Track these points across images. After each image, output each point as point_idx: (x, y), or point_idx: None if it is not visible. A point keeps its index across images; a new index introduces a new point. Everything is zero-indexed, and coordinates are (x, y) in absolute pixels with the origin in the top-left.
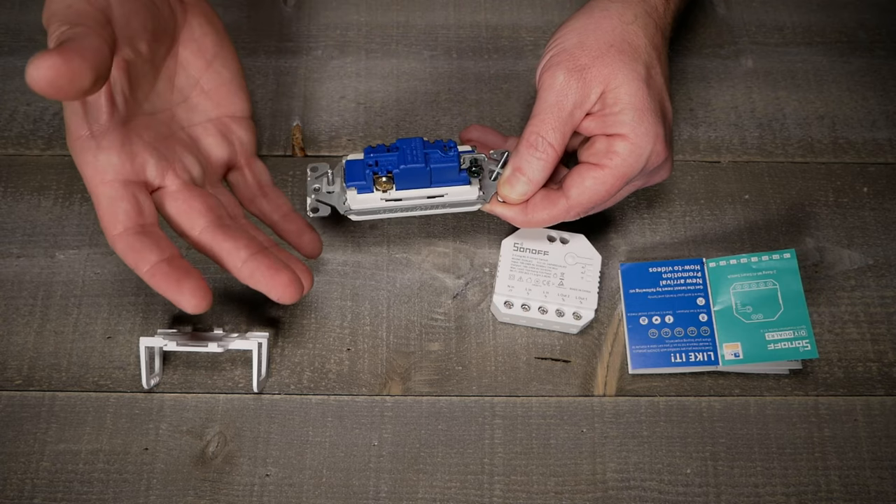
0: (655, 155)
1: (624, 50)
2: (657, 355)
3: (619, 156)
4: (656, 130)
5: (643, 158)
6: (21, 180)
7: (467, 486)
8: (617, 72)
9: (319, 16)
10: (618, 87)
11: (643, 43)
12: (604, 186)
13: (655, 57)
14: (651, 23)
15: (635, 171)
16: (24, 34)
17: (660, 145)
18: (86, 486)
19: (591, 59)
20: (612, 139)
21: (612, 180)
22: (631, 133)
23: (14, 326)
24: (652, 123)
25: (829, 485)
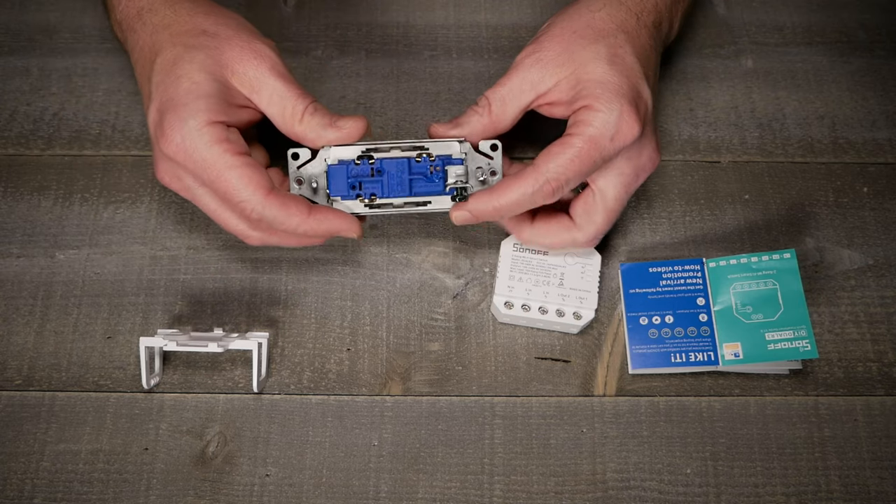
0: (626, 125)
1: (584, 34)
2: (657, 355)
3: (584, 123)
4: (621, 101)
5: (611, 124)
6: (21, 180)
7: (467, 486)
8: (574, 54)
9: (319, 16)
10: (578, 69)
11: (609, 27)
12: (572, 149)
13: (624, 39)
14: (622, 9)
15: (604, 137)
16: (24, 34)
17: (629, 116)
18: (86, 486)
19: (552, 42)
20: (578, 112)
21: (580, 143)
22: (594, 102)
23: (14, 326)
24: (616, 94)
25: (829, 485)
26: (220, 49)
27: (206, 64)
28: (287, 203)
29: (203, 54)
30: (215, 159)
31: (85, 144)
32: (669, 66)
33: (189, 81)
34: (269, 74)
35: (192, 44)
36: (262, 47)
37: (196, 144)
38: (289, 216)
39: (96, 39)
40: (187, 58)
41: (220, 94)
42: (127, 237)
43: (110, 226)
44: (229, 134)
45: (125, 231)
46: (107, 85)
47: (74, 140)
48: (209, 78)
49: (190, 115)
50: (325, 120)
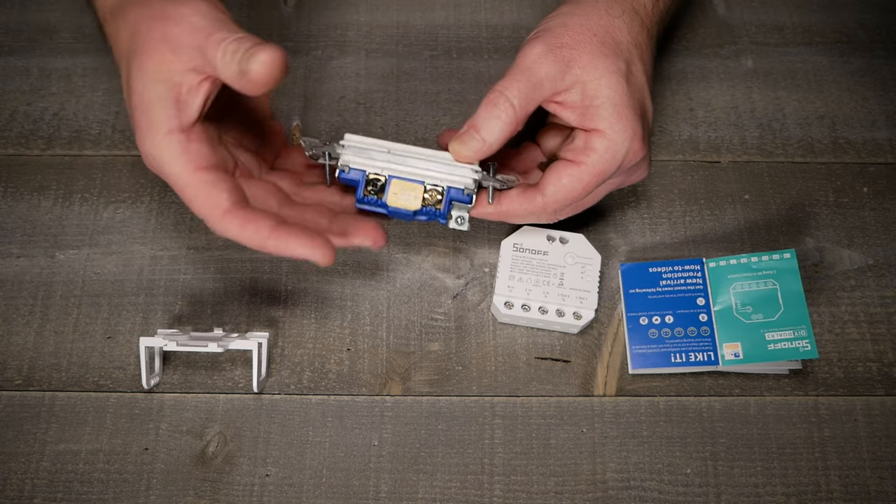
0: (632, 153)
1: (606, 42)
2: (657, 355)
3: (596, 152)
4: (634, 128)
5: (620, 156)
6: (21, 180)
7: (467, 486)
8: (597, 62)
9: (319, 16)
10: (598, 80)
11: (626, 39)
12: (580, 183)
13: (637, 55)
14: (637, 20)
15: (612, 168)
16: (24, 34)
17: (637, 143)
18: (86, 486)
19: (573, 40)
20: (590, 135)
21: (588, 177)
22: (608, 129)
23: (14, 326)
24: (630, 120)
25: (829, 485)
26: (146, 39)
27: (142, 67)
28: (246, 224)
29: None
30: (175, 174)
31: (85, 144)
32: (669, 66)
33: (136, 95)
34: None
35: (130, 49)
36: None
37: (158, 161)
38: (247, 238)
39: (96, 39)
40: (131, 66)
41: (166, 94)
42: (127, 237)
43: (110, 226)
44: (189, 144)
45: (125, 231)
46: (107, 85)
47: (74, 140)
48: (149, 83)
49: (146, 131)
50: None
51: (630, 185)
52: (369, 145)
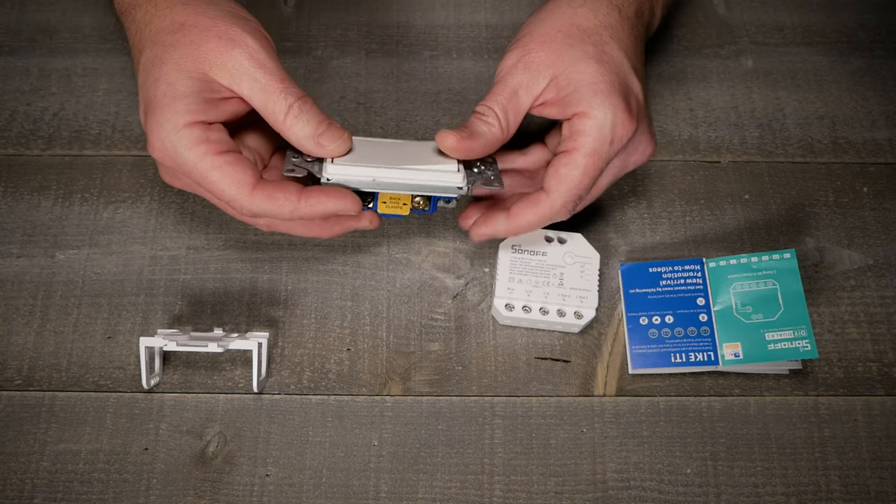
0: (621, 126)
1: (571, 34)
2: (657, 355)
3: (582, 134)
4: (613, 101)
5: (607, 130)
6: (21, 180)
7: (467, 486)
8: (563, 54)
9: (319, 16)
10: (567, 69)
11: (592, 24)
12: (578, 169)
13: (609, 35)
14: (602, 4)
15: (604, 145)
16: (24, 34)
17: (623, 115)
18: (86, 486)
19: (537, 44)
20: (572, 121)
21: (584, 160)
22: (587, 108)
23: (14, 326)
24: (607, 94)
25: (829, 485)
26: (196, 43)
27: (181, 62)
28: (274, 194)
29: (179, 52)
30: (196, 162)
31: (85, 144)
32: (669, 66)
33: (165, 83)
34: (249, 64)
35: (169, 42)
36: (240, 34)
37: (176, 148)
38: (279, 207)
39: (96, 39)
40: (164, 58)
41: (198, 92)
42: (127, 237)
43: (110, 226)
44: (210, 133)
45: (125, 231)
46: (107, 85)
47: (74, 140)
48: (185, 77)
49: (166, 118)
50: (308, 129)
51: (635, 166)
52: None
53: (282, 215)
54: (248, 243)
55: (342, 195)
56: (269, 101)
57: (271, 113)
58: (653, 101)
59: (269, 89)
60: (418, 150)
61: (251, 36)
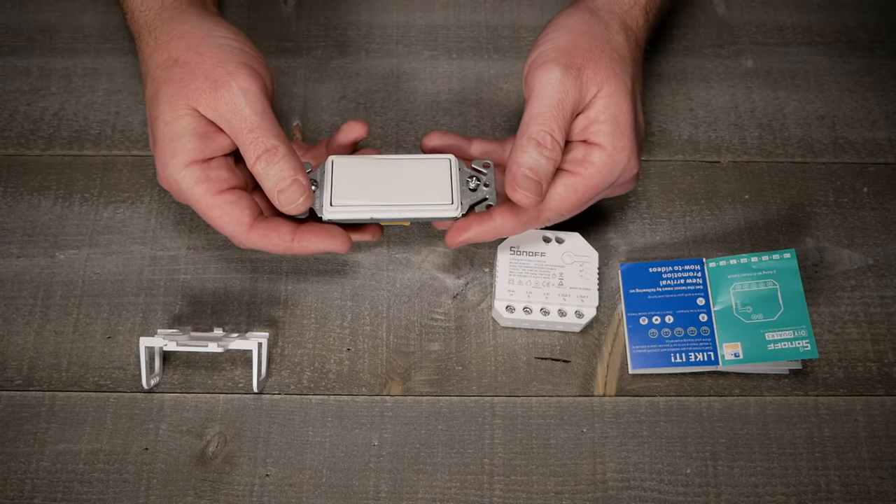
0: (628, 170)
1: (614, 59)
2: (657, 355)
3: (594, 166)
4: (632, 146)
5: (616, 171)
6: (21, 180)
7: (467, 486)
8: (610, 79)
9: (319, 16)
10: (608, 97)
11: (627, 55)
12: (575, 194)
13: (635, 71)
14: (632, 36)
15: (606, 182)
16: (24, 34)
17: (633, 160)
18: (86, 486)
19: (587, 60)
20: (590, 148)
21: (583, 189)
22: (609, 145)
23: (14, 326)
24: (629, 138)
25: (829, 485)
26: (184, 81)
27: (173, 100)
28: (269, 234)
29: (171, 89)
30: (198, 199)
31: (85, 144)
32: (669, 66)
33: (163, 123)
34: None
35: (162, 78)
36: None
37: (180, 185)
38: (273, 245)
39: (96, 39)
40: (159, 95)
41: (193, 129)
42: (127, 237)
43: (110, 226)
44: (209, 172)
45: (125, 231)
46: (107, 85)
47: (74, 140)
48: (179, 115)
49: (168, 158)
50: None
51: (615, 195)
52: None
53: (276, 253)
54: None
55: (333, 236)
56: (241, 146)
57: (245, 157)
58: (653, 101)
59: (240, 135)
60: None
61: (235, 80)
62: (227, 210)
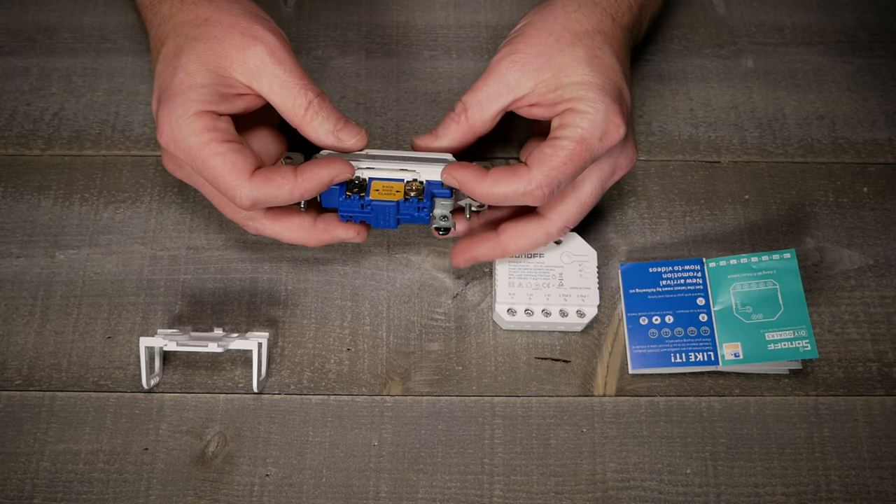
0: (613, 125)
1: (562, 38)
2: (657, 355)
3: (573, 124)
4: (606, 100)
5: (598, 124)
6: (21, 180)
7: (467, 486)
8: (552, 58)
9: (319, 16)
10: (557, 72)
11: (585, 29)
12: (565, 151)
13: (602, 40)
14: (598, 10)
15: (594, 136)
16: (24, 34)
17: (615, 116)
18: (86, 486)
19: (527, 45)
20: (564, 114)
21: (571, 145)
22: (579, 104)
23: (14, 326)
24: (600, 93)
25: (829, 485)
26: (219, 39)
27: (203, 55)
28: (271, 176)
29: (202, 45)
30: (200, 147)
31: (85, 144)
32: (669, 66)
33: (183, 72)
34: (269, 62)
35: (192, 35)
36: (262, 32)
37: (183, 133)
38: (277, 187)
39: (96, 39)
40: (187, 49)
41: (214, 84)
42: (127, 237)
43: (110, 226)
44: (218, 123)
45: (125, 231)
46: (107, 85)
47: (74, 140)
48: (203, 68)
49: (179, 104)
50: (328, 125)
51: (622, 174)
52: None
53: (281, 195)
54: (248, 243)
55: (334, 161)
56: (289, 98)
57: (290, 108)
58: (653, 100)
59: (288, 86)
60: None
61: (272, 34)
62: (229, 158)
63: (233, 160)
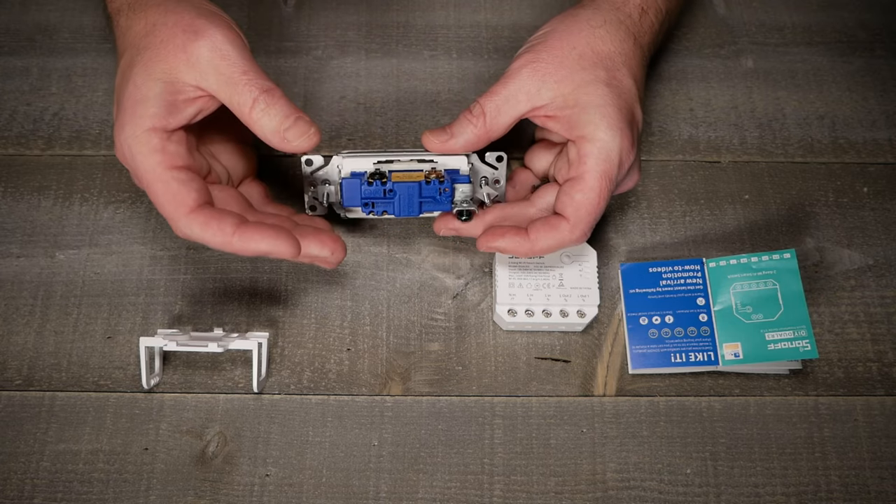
0: (625, 152)
1: (584, 55)
2: (657, 355)
3: (591, 157)
4: (621, 126)
5: (614, 154)
6: (21, 180)
7: (467, 486)
8: (574, 75)
9: (319, 16)
10: (576, 90)
11: (608, 48)
12: (594, 192)
13: (622, 61)
14: (622, 29)
15: (612, 167)
16: (24, 34)
17: (627, 143)
18: (86, 486)
19: (550, 55)
20: (580, 143)
21: (596, 182)
22: (594, 132)
23: (14, 326)
24: (616, 120)
25: (829, 485)
26: (164, 42)
27: (149, 64)
28: (209, 223)
29: (149, 54)
30: (146, 169)
31: (85, 144)
32: (669, 66)
33: (132, 86)
34: (212, 56)
35: (142, 45)
36: (205, 26)
37: (132, 152)
38: (211, 236)
39: (96, 39)
40: (136, 60)
41: (161, 93)
42: (127, 237)
43: (110, 226)
44: (168, 144)
45: (125, 231)
46: (107, 85)
47: (74, 140)
48: (151, 79)
49: (128, 121)
50: (273, 124)
51: (622, 192)
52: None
53: (213, 245)
54: None
55: (277, 237)
56: (234, 94)
57: (237, 105)
58: (653, 100)
59: (232, 81)
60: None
61: (217, 28)
62: (171, 187)
63: (174, 190)
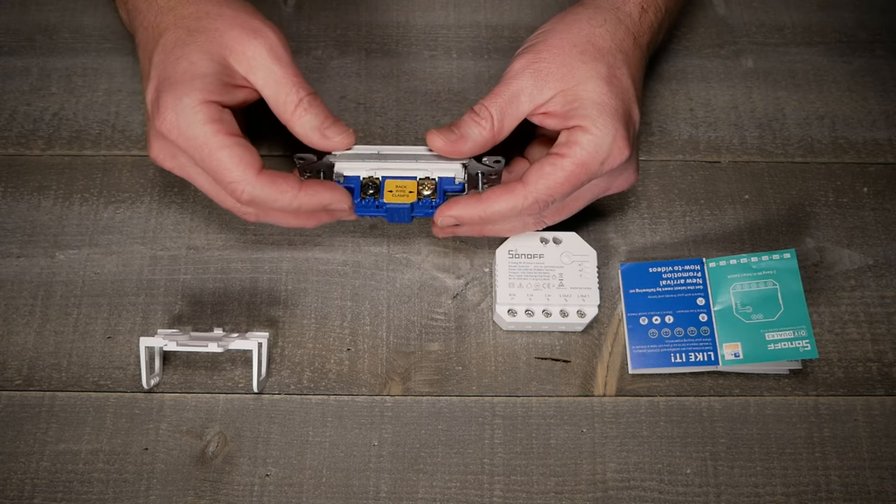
0: (617, 150)
1: (586, 51)
2: (657, 355)
3: (578, 144)
4: (616, 125)
5: (603, 149)
6: (21, 180)
7: (467, 486)
8: (575, 71)
9: (319, 16)
10: (577, 85)
11: (609, 46)
12: (564, 172)
13: (622, 60)
14: (622, 28)
15: (595, 161)
16: (24, 34)
17: (620, 141)
18: (86, 486)
19: (551, 54)
20: (572, 131)
21: (571, 167)
22: (590, 124)
23: (14, 326)
24: (612, 117)
25: (829, 485)
26: (220, 31)
27: (205, 46)
28: (277, 180)
29: (204, 37)
30: (207, 138)
31: (85, 144)
32: (669, 66)
33: (187, 62)
34: (266, 56)
35: (194, 27)
36: (261, 28)
37: (189, 122)
38: (280, 193)
39: (96, 39)
40: (188, 40)
41: (217, 74)
42: (127, 237)
43: (110, 226)
44: (223, 114)
45: (125, 231)
46: (107, 85)
47: (74, 140)
48: (207, 59)
49: (185, 93)
50: (315, 122)
51: (617, 192)
52: (358, 150)
53: (281, 202)
54: (248, 243)
55: (337, 188)
56: (281, 93)
57: (282, 104)
58: (653, 100)
59: (282, 81)
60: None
61: (271, 30)
62: (237, 152)
63: (240, 154)
